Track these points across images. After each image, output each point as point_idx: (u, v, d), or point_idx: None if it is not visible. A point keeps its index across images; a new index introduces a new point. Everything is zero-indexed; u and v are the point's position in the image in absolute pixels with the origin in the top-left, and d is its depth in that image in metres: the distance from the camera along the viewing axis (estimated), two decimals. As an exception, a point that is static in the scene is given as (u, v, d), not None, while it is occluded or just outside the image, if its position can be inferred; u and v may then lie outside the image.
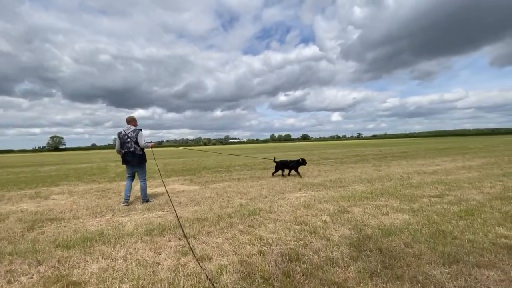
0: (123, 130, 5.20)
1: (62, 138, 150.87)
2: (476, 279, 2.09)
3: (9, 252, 2.96)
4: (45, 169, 15.66)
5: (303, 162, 8.29)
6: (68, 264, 2.65)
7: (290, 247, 2.82)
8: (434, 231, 3.13)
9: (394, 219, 3.67)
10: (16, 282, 2.32)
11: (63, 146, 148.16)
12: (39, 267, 2.61)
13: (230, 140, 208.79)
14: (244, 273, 2.32)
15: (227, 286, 2.13)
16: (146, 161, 5.41)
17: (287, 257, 2.56)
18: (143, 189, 5.35)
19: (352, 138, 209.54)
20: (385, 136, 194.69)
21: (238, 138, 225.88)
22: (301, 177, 7.95)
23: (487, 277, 2.12)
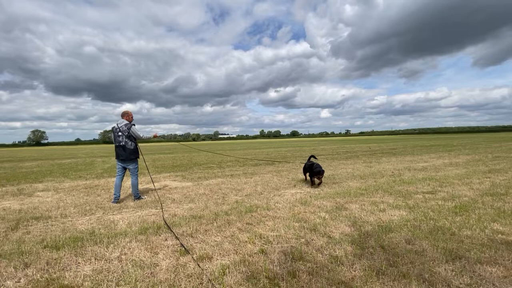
0: (117, 124, 5.02)
1: (44, 132, 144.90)
2: (481, 275, 2.11)
3: (-8, 254, 2.76)
4: (27, 164, 14.97)
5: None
6: (58, 266, 2.49)
7: (292, 245, 2.76)
8: (433, 227, 3.16)
9: (391, 215, 3.69)
10: (2, 287, 2.15)
11: (45, 141, 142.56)
12: (26, 269, 2.43)
13: (220, 136, 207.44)
14: (248, 273, 2.25)
15: (231, 287, 2.05)
16: (138, 157, 5.23)
17: (290, 256, 2.50)
18: (135, 186, 5.16)
19: (340, 134, 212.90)
20: (372, 133, 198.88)
21: (228, 134, 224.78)
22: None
23: (490, 273, 2.14)
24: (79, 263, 2.55)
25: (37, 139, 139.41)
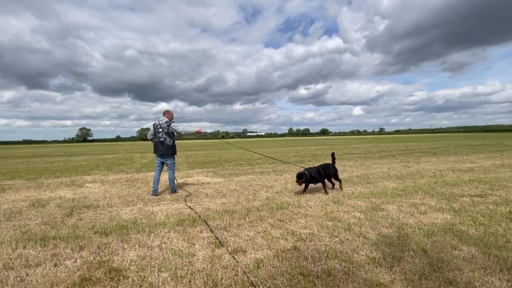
0: (158, 121, 5.37)
1: (89, 130, 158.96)
2: (543, 289, 1.89)
3: (53, 237, 3.12)
4: (76, 159, 16.57)
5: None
6: (108, 251, 2.73)
7: (325, 244, 2.72)
8: (483, 233, 2.89)
9: (434, 218, 3.45)
10: (62, 266, 2.42)
11: (91, 138, 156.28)
12: (81, 252, 2.71)
13: (248, 134, 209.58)
14: (282, 268, 2.26)
15: (266, 281, 2.08)
16: (175, 153, 5.50)
17: (325, 254, 2.47)
18: (171, 180, 5.46)
19: (373, 132, 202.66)
20: (409, 131, 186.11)
21: (256, 132, 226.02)
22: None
23: (556, 287, 1.91)
24: (125, 248, 2.78)
25: (83, 136, 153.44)
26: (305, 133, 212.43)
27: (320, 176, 5.12)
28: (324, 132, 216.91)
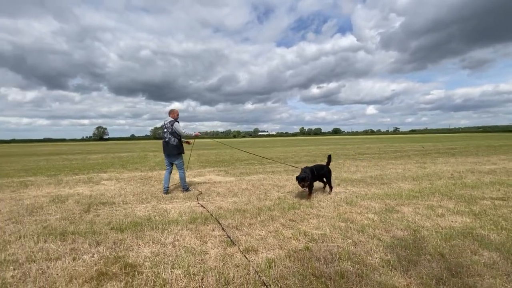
0: (164, 121, 5.42)
1: (105, 128, 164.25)
2: None
3: (72, 232, 3.24)
4: (93, 156, 17.12)
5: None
6: (123, 246, 2.81)
7: (338, 245, 2.68)
8: (505, 238, 2.76)
9: (452, 221, 3.33)
10: (80, 260, 2.51)
11: (107, 136, 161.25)
12: (98, 247, 2.80)
13: (259, 133, 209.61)
14: (294, 268, 2.25)
15: (278, 281, 2.08)
16: (182, 152, 5.48)
17: (337, 256, 2.43)
18: (182, 179, 5.52)
19: (387, 132, 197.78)
20: (426, 131, 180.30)
21: (267, 131, 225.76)
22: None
23: None
24: (139, 245, 2.85)
25: (100, 135, 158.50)
26: (317, 132, 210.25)
27: (312, 178, 4.81)
28: (336, 131, 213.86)
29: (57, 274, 2.25)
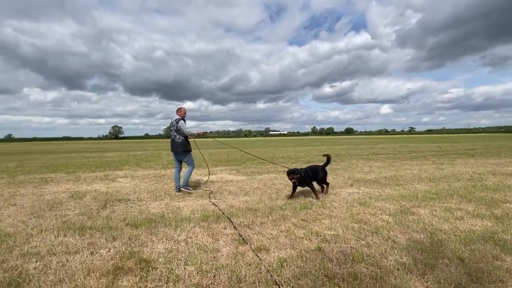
0: (171, 119, 5.50)
1: (121, 127, 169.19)
2: None
3: (89, 227, 3.35)
4: (109, 154, 17.64)
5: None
6: (138, 242, 2.88)
7: (351, 247, 2.64)
8: (530, 243, 2.63)
9: (472, 225, 3.20)
10: (97, 254, 2.60)
11: (122, 135, 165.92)
12: (114, 242, 2.89)
13: (271, 133, 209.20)
14: (306, 269, 2.23)
15: (290, 280, 2.07)
16: (188, 150, 5.44)
17: (351, 257, 2.39)
18: (187, 174, 5.38)
19: (402, 132, 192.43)
20: (443, 131, 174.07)
21: (279, 131, 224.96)
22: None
23: None
24: (153, 241, 2.91)
25: (115, 134, 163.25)
26: (329, 132, 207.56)
27: (309, 179, 4.75)
28: (349, 131, 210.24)
29: (76, 267, 2.34)
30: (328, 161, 5.18)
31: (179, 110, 5.55)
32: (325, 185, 5.12)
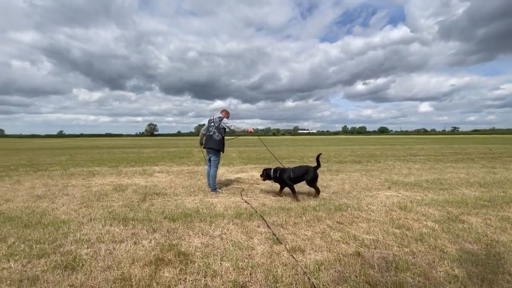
0: (213, 116, 5.51)
1: (156, 125, 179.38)
2: None
3: (132, 218, 3.57)
4: (146, 151, 18.74)
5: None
6: (176, 235, 3.00)
7: (394, 253, 2.48)
8: None
9: (536, 238, 2.82)
10: (140, 245, 2.75)
11: (157, 132, 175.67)
12: (154, 234, 3.04)
13: (299, 131, 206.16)
14: (345, 274, 2.14)
15: (328, 284, 2.00)
16: (221, 150, 5.40)
17: (394, 265, 2.25)
18: (213, 177, 5.38)
19: (444, 132, 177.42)
20: (492, 131, 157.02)
21: (308, 130, 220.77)
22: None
23: None
24: (190, 235, 3.01)
25: (151, 131, 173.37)
26: (361, 131, 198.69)
27: (289, 180, 4.61)
28: (382, 130, 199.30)
29: (122, 256, 2.50)
30: (318, 163, 4.83)
31: (224, 111, 5.53)
32: (315, 190, 4.80)
